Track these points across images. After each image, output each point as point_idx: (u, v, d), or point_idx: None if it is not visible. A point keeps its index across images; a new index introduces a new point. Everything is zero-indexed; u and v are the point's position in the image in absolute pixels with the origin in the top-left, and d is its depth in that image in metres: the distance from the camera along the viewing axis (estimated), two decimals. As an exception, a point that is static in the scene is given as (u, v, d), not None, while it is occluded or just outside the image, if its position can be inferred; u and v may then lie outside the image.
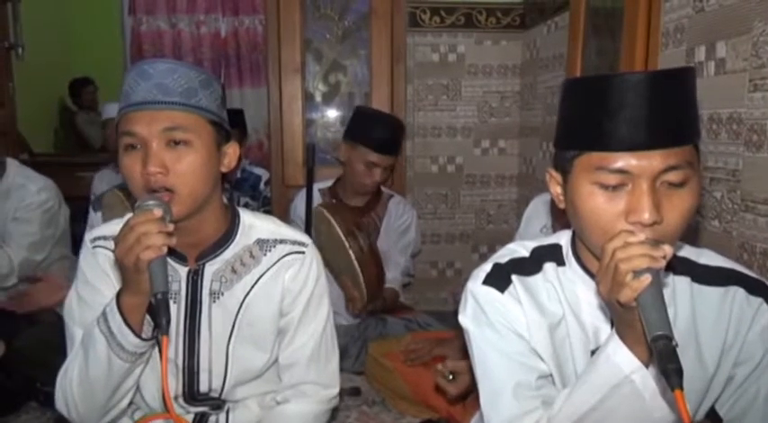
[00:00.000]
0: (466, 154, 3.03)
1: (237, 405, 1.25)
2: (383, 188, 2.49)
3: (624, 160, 0.81)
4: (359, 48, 2.88)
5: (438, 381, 1.55)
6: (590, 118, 0.83)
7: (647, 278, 0.74)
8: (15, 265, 2.24)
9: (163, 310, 0.95)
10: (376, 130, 2.28)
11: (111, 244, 1.15)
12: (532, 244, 1.01)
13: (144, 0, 5.45)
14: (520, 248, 1.01)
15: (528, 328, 0.94)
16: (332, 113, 2.95)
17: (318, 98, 2.92)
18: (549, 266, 0.97)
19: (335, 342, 1.33)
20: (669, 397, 0.80)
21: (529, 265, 0.98)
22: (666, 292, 0.80)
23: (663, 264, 0.76)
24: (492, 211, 3.09)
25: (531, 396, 0.92)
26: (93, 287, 1.15)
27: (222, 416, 1.24)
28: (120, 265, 0.98)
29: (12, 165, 2.39)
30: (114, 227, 1.19)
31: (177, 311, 1.16)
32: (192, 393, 1.20)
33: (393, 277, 2.37)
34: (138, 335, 1.03)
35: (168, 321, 0.94)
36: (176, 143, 1.05)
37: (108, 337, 1.03)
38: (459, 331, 2.06)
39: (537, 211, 1.82)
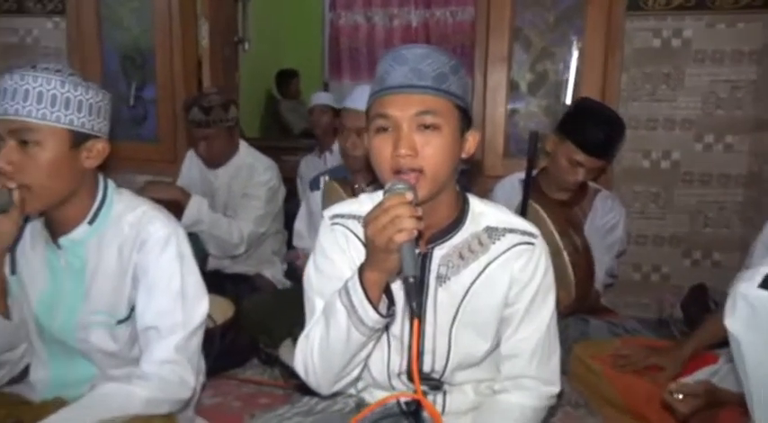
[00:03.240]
0: (684, 149, 2.75)
1: (454, 388, 1.26)
2: (590, 183, 2.36)
3: None
4: (571, 34, 2.74)
5: (666, 397, 1.44)
6: None
7: None
8: (245, 236, 2.50)
9: (414, 293, 0.97)
10: (590, 128, 2.12)
11: (347, 222, 1.23)
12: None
13: (344, -4, 5.81)
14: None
15: (822, 347, 0.82)
16: (537, 103, 2.85)
17: (524, 88, 2.84)
18: None
19: (557, 338, 1.29)
20: None
21: None
22: None
23: None
24: (711, 214, 2.78)
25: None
26: (330, 260, 1.21)
27: (439, 397, 1.26)
28: (371, 244, 1.02)
29: (242, 145, 2.67)
30: (351, 206, 1.26)
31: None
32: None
33: (596, 276, 2.25)
34: (377, 310, 1.06)
35: (419, 304, 0.96)
36: (426, 127, 1.08)
37: (349, 310, 1.07)
38: (675, 342, 1.92)
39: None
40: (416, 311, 0.97)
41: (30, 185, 1.18)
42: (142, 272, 1.29)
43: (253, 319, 2.26)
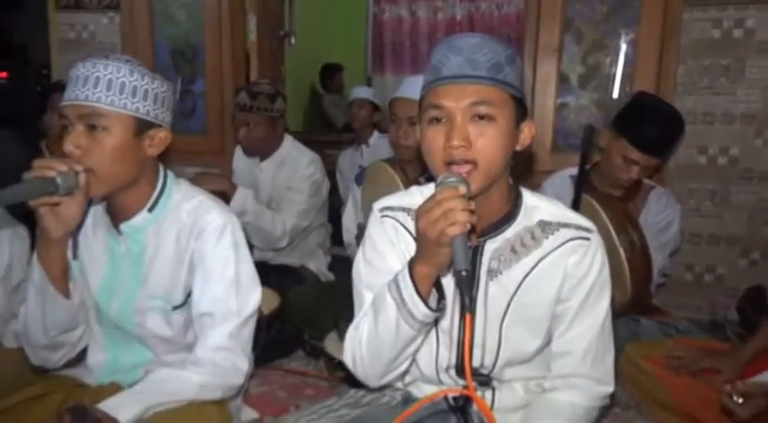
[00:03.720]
0: (744, 145, 2.64)
1: (503, 385, 1.24)
2: (644, 179, 2.28)
3: None
4: (624, 26, 2.65)
5: (724, 401, 1.38)
6: None
7: None
8: (288, 230, 2.52)
9: (466, 287, 0.96)
10: (646, 126, 2.04)
11: (397, 214, 1.22)
12: None
13: (389, -10, 5.79)
14: None
15: None
16: (588, 97, 2.77)
17: (574, 81, 2.77)
18: None
19: (612, 337, 1.26)
20: None
21: None
22: None
23: None
24: (771, 213, 2.67)
25: None
26: (379, 252, 1.21)
27: (488, 394, 1.24)
28: (422, 236, 1.00)
29: (287, 138, 2.69)
30: (401, 198, 1.25)
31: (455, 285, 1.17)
32: (463, 367, 1.21)
33: (650, 276, 2.17)
34: (427, 304, 1.05)
35: (471, 299, 0.94)
36: (480, 117, 1.06)
37: (399, 303, 1.06)
38: (732, 344, 1.85)
39: None
40: (469, 306, 0.95)
41: (95, 169, 1.21)
42: (199, 259, 1.32)
43: (298, 311, 2.28)
